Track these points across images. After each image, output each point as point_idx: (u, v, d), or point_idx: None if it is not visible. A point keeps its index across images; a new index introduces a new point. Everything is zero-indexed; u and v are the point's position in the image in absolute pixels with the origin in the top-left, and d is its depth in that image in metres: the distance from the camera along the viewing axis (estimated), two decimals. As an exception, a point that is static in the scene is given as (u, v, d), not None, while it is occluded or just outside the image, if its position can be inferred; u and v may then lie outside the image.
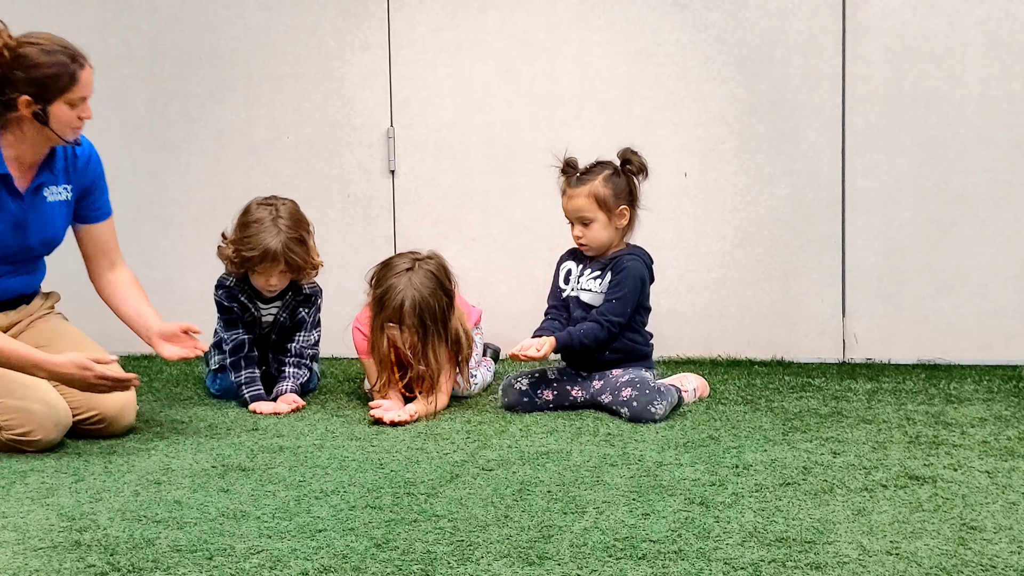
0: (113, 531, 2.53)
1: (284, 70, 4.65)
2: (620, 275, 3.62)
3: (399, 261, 3.66)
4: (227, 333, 3.86)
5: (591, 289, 3.66)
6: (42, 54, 3.22)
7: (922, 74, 4.25)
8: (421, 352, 3.60)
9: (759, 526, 2.48)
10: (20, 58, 3.20)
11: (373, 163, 4.64)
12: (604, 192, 3.61)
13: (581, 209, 3.63)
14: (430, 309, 3.59)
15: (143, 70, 4.72)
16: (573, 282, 3.71)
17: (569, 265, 3.75)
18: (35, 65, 3.20)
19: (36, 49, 3.22)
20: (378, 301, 3.62)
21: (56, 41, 3.26)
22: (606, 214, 3.62)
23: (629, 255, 3.66)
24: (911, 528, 2.46)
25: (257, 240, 3.73)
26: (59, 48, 3.25)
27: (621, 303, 3.62)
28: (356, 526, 2.53)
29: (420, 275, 3.60)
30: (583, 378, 3.70)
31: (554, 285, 3.77)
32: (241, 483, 2.89)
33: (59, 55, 3.23)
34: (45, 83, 3.22)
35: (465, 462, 3.06)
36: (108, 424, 3.36)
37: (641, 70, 4.43)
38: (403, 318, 3.57)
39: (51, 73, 3.22)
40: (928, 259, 4.30)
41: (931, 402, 3.69)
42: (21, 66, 3.20)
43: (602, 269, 3.66)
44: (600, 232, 3.64)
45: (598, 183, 3.62)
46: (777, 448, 3.14)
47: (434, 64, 4.57)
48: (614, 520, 2.54)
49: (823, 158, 4.33)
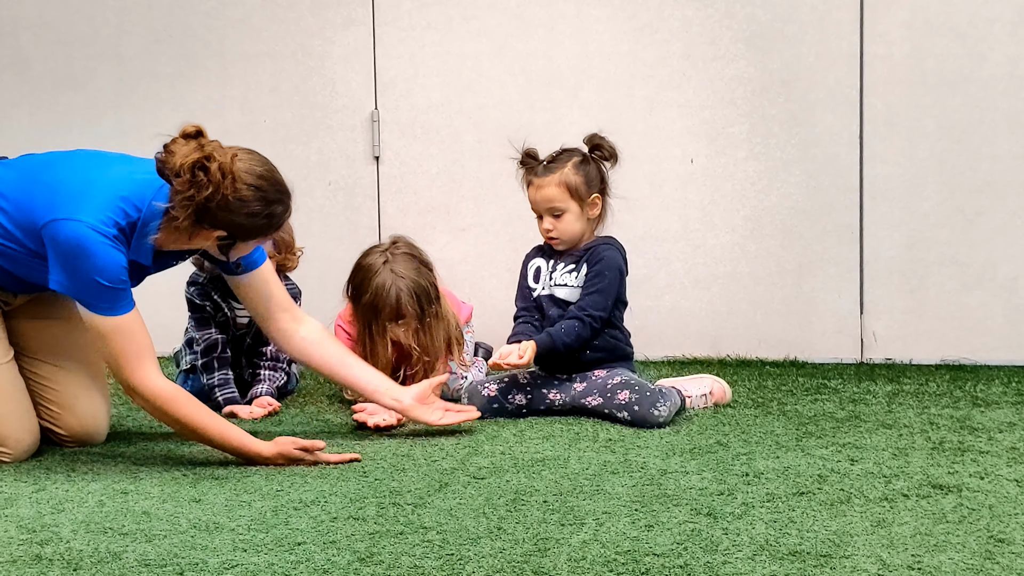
0: (76, 544, 2.52)
1: (260, 48, 4.64)
2: (598, 266, 3.60)
3: (372, 260, 3.68)
4: (199, 332, 3.86)
5: (567, 284, 3.64)
6: (261, 203, 2.97)
7: (945, 52, 4.25)
8: (424, 340, 3.66)
9: (771, 539, 2.49)
10: (237, 203, 2.94)
11: (356, 148, 4.63)
12: (576, 180, 3.59)
13: (551, 199, 3.60)
14: (423, 290, 3.66)
15: (108, 49, 4.72)
16: (544, 280, 3.69)
17: (537, 263, 3.72)
18: (249, 214, 2.97)
19: (257, 196, 2.96)
20: (370, 307, 3.63)
21: (275, 182, 3.01)
22: (578, 204, 3.60)
23: (604, 245, 3.64)
24: (934, 541, 2.46)
25: None
26: (277, 196, 3.00)
27: (602, 295, 3.59)
28: (338, 539, 2.52)
29: (399, 262, 3.65)
30: (560, 381, 3.67)
31: (522, 286, 3.73)
32: (214, 493, 2.88)
33: (277, 206, 3.01)
34: (250, 230, 3.02)
35: (455, 470, 3.06)
36: (76, 444, 3.39)
37: (644, 48, 4.43)
38: (403, 311, 3.62)
39: (263, 224, 3.01)
40: (953, 251, 4.30)
41: (956, 405, 3.69)
42: (235, 211, 2.96)
43: (576, 261, 3.64)
44: (572, 224, 3.62)
45: (568, 171, 3.59)
46: (790, 455, 3.14)
47: (421, 42, 4.57)
48: (615, 532, 2.54)
49: (839, 143, 4.33)
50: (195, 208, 2.94)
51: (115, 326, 3.02)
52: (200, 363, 3.85)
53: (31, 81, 4.78)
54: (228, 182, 2.92)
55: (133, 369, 3.04)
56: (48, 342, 3.36)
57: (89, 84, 4.72)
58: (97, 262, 2.95)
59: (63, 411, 3.35)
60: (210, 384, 3.82)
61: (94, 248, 2.94)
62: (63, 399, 3.35)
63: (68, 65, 4.75)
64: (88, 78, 4.72)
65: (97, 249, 2.94)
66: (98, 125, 4.73)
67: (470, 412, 3.42)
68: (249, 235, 3.04)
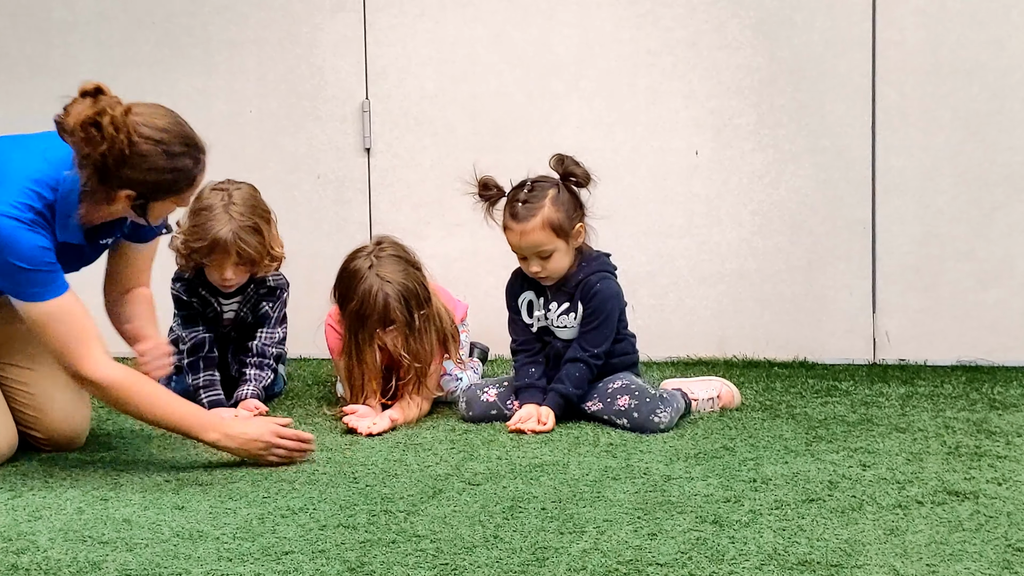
0: (54, 553, 2.52)
1: (246, 35, 4.64)
2: (593, 302, 3.60)
3: (357, 265, 3.65)
4: (185, 331, 3.87)
5: (566, 325, 3.64)
6: (164, 156, 2.98)
7: (962, 39, 4.25)
8: (414, 346, 3.62)
9: (779, 548, 2.49)
10: (136, 157, 2.95)
11: (346, 140, 4.63)
12: (558, 217, 3.55)
13: (538, 244, 3.56)
14: (413, 293, 3.62)
15: (89, 37, 4.71)
16: (539, 313, 3.68)
17: (527, 297, 3.70)
18: (151, 168, 2.98)
19: (158, 150, 2.97)
20: (357, 314, 3.61)
21: (180, 134, 3.03)
22: (564, 240, 3.58)
23: (596, 274, 3.62)
24: (950, 550, 2.46)
25: (206, 229, 3.73)
26: (182, 149, 3.02)
27: (601, 332, 3.61)
28: (327, 548, 2.52)
29: (386, 265, 3.61)
30: None
31: (515, 319, 3.73)
32: (198, 499, 2.88)
33: (183, 159, 3.02)
34: (157, 186, 3.02)
35: (449, 475, 3.06)
36: (55, 448, 3.38)
37: (646, 35, 4.43)
38: (390, 316, 3.58)
39: (169, 179, 3.02)
40: (969, 247, 4.30)
41: (973, 408, 3.70)
42: (135, 167, 2.97)
43: (570, 299, 3.63)
44: (561, 260, 3.60)
45: (548, 209, 3.55)
46: (800, 460, 3.14)
47: (415, 29, 4.56)
48: (616, 541, 2.54)
49: (851, 134, 4.33)
50: (94, 167, 2.97)
51: (48, 312, 3.02)
52: (186, 363, 3.84)
53: (7, 68, 4.77)
54: (122, 136, 2.94)
55: (78, 357, 3.03)
56: (19, 344, 3.34)
57: (68, 72, 4.70)
58: (14, 247, 2.95)
59: (39, 414, 3.34)
60: (195, 385, 3.81)
61: (9, 233, 2.94)
62: (39, 402, 3.34)
63: (46, 52, 4.74)
64: (67, 65, 4.71)
65: (12, 234, 2.94)
66: (77, 115, 4.72)
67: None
68: (158, 192, 3.04)
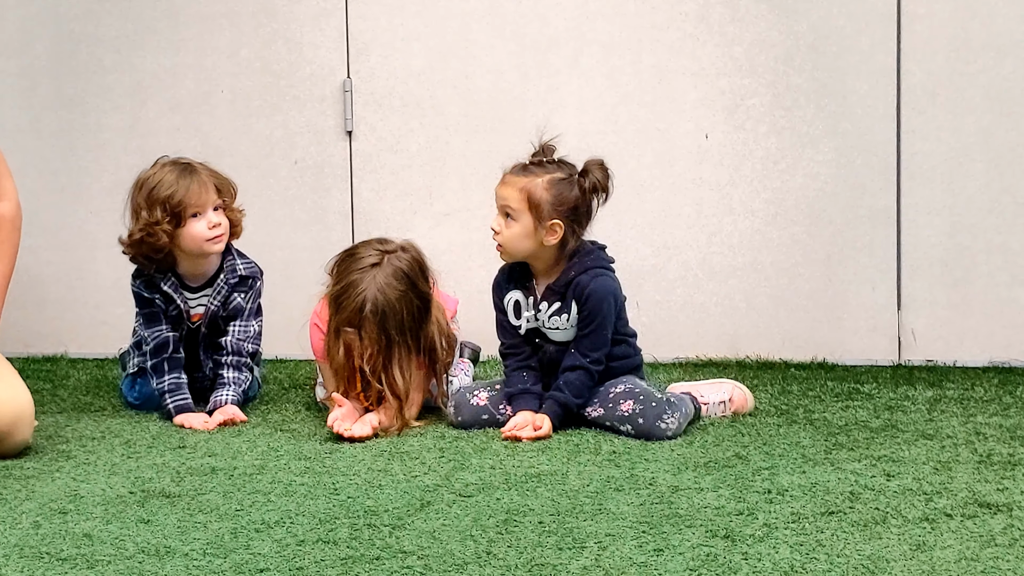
0: (8, 571, 2.52)
1: (217, 8, 4.63)
2: (587, 305, 3.60)
3: (365, 252, 3.64)
4: (148, 330, 3.85)
5: (558, 327, 3.64)
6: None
7: (994, 12, 4.25)
8: (382, 368, 3.59)
9: (796, 564, 2.49)
10: None
11: (326, 122, 4.63)
12: (541, 195, 3.56)
13: (507, 199, 3.59)
14: (396, 317, 3.57)
15: (45, 10, 4.70)
16: (528, 314, 3.68)
17: (515, 296, 3.69)
18: None
19: None
20: (335, 300, 3.61)
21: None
22: (533, 219, 3.58)
23: (588, 273, 3.62)
24: (981, 566, 2.46)
25: (164, 185, 3.78)
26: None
27: (598, 335, 3.61)
28: (305, 565, 2.52)
29: (387, 273, 3.58)
30: None
31: (503, 321, 3.73)
32: (165, 513, 2.88)
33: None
34: None
35: (438, 487, 3.06)
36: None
37: (652, 8, 4.43)
38: (362, 323, 3.56)
39: None
40: (1002, 239, 4.30)
41: (1006, 413, 3.70)
42: None
43: (561, 300, 3.63)
44: (519, 238, 3.60)
45: (540, 181, 3.57)
46: (818, 469, 3.15)
47: (401, 1, 4.56)
48: (620, 557, 2.54)
49: (874, 116, 4.33)
50: None
51: None
52: (149, 364, 3.82)
53: (-43, 46, 4.77)
54: None
55: None
56: None
57: (24, 49, 4.70)
58: None
59: None
60: (160, 389, 3.79)
61: None
62: None
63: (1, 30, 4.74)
64: (23, 42, 4.70)
65: None
66: (33, 94, 4.71)
67: None
68: None
